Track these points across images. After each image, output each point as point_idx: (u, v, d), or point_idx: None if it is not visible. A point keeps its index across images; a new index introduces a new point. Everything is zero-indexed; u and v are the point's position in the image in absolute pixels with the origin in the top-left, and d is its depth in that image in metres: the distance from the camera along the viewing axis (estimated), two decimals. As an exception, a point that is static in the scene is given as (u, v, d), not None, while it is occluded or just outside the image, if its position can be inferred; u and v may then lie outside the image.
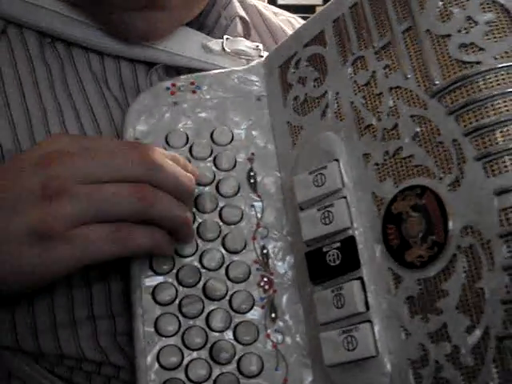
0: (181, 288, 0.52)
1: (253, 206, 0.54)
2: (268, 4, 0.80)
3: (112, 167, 0.47)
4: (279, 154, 0.56)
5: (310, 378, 0.50)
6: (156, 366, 0.49)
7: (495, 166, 0.41)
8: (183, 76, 0.58)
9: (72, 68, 0.61)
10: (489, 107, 0.42)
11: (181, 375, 0.49)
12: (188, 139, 0.56)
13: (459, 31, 0.44)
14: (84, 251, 0.46)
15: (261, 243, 0.53)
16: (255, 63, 0.59)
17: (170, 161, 0.50)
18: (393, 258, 0.46)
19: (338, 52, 0.51)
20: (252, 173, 0.55)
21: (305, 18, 0.74)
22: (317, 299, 0.49)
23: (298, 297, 0.52)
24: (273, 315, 0.51)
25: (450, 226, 0.43)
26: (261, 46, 0.63)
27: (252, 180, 0.55)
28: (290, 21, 0.77)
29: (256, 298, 0.52)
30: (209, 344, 0.50)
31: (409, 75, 0.46)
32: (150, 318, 0.50)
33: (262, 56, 0.62)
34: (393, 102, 0.47)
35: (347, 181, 0.49)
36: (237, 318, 0.51)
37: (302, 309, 0.51)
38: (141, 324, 0.50)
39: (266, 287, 0.52)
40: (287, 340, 0.51)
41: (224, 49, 0.63)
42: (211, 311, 0.51)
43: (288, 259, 0.53)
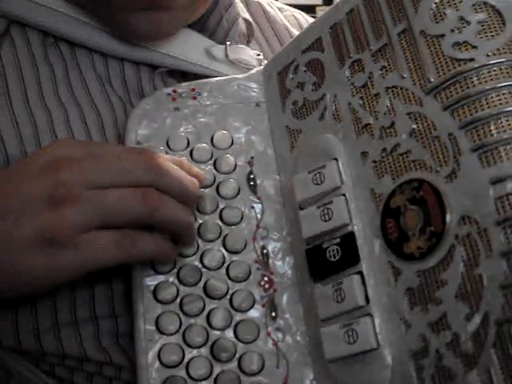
0: (182, 287, 0.52)
1: (253, 208, 0.55)
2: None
3: (118, 172, 0.48)
4: (278, 158, 0.56)
5: (311, 376, 0.50)
6: (157, 364, 0.49)
7: (490, 157, 0.43)
8: (184, 83, 0.59)
9: (75, 68, 0.61)
10: (483, 101, 0.44)
11: (182, 373, 0.49)
12: (189, 143, 0.57)
13: (452, 31, 0.46)
14: (89, 258, 0.47)
15: (261, 243, 0.54)
16: (254, 71, 0.60)
17: (175, 165, 0.51)
18: (392, 252, 0.46)
19: (336, 56, 0.53)
20: (252, 175, 0.56)
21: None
22: (317, 296, 0.49)
23: (298, 296, 0.52)
24: (273, 314, 0.52)
25: (448, 217, 0.44)
26: (261, 56, 0.64)
27: (252, 182, 0.56)
28: (296, 16, 0.77)
29: (256, 297, 0.52)
30: (210, 342, 0.50)
31: (405, 75, 0.48)
32: (151, 317, 0.51)
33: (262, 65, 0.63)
34: (389, 102, 0.48)
35: (346, 179, 0.50)
36: (237, 317, 0.51)
37: (303, 308, 0.52)
38: (142, 322, 0.50)
39: (267, 286, 0.53)
40: (288, 338, 0.51)
41: (227, 55, 0.64)
42: (212, 310, 0.51)
43: (288, 259, 0.53)
